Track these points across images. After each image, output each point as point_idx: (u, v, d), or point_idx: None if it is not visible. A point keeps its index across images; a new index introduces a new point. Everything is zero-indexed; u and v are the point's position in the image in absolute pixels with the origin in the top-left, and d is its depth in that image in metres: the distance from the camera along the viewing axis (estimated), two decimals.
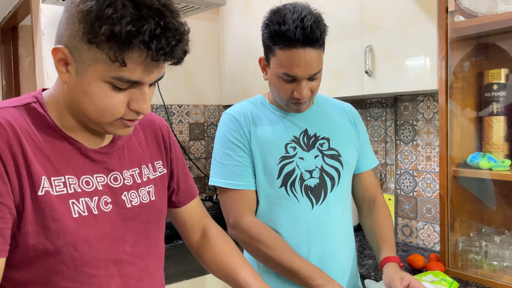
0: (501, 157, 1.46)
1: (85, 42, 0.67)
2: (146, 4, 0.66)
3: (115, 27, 0.64)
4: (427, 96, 1.82)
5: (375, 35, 1.68)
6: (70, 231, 0.73)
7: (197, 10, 2.09)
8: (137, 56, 0.67)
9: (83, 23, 0.66)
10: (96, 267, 0.77)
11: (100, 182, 0.79)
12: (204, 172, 2.60)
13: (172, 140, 0.98)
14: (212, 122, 2.68)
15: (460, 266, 1.49)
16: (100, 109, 0.72)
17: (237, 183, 1.17)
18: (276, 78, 1.12)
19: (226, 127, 1.20)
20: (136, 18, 0.65)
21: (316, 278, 1.06)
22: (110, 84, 0.70)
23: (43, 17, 2.04)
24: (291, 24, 1.04)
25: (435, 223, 1.82)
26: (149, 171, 0.89)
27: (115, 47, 0.65)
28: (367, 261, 1.67)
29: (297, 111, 1.19)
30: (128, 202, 0.83)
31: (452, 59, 1.47)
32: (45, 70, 2.05)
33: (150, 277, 0.87)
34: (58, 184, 0.74)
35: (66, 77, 0.72)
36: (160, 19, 0.66)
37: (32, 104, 0.76)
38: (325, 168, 1.20)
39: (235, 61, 2.45)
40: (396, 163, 1.95)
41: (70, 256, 0.74)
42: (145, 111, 0.74)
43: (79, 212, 0.75)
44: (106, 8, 0.64)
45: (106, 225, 0.78)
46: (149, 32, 0.65)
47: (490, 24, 1.40)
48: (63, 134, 0.77)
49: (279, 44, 1.07)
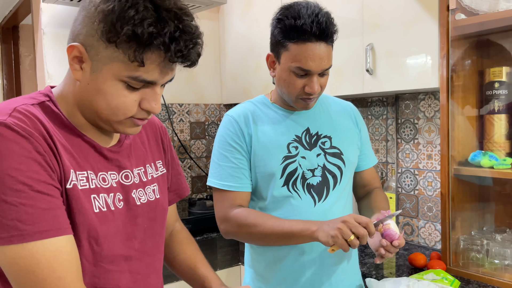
0: (502, 155, 1.45)
1: (103, 41, 0.69)
2: (165, 7, 0.68)
3: (137, 28, 0.66)
4: (428, 94, 1.82)
5: (376, 34, 1.67)
6: (93, 226, 0.75)
7: (198, 9, 2.09)
8: (155, 57, 0.69)
9: (103, 22, 0.68)
10: (111, 263, 0.79)
11: (113, 180, 0.81)
12: (205, 171, 2.61)
13: (168, 141, 1.01)
14: (213, 121, 2.68)
15: (462, 265, 1.49)
16: (113, 107, 0.73)
17: (231, 184, 1.19)
18: (288, 73, 1.13)
19: (225, 128, 1.22)
20: (157, 20, 0.67)
21: (309, 227, 1.08)
22: (125, 83, 0.72)
23: (44, 16, 2.04)
24: (306, 18, 1.06)
25: (436, 222, 1.81)
26: (153, 169, 0.92)
27: (135, 47, 0.67)
28: (368, 259, 1.67)
29: (305, 107, 1.19)
30: (137, 199, 0.85)
31: (453, 57, 1.47)
32: (46, 69, 2.05)
33: (157, 273, 0.89)
34: (82, 179, 0.76)
35: (79, 74, 0.73)
36: (178, 22, 0.69)
37: (46, 103, 0.77)
38: (327, 166, 1.21)
39: (236, 60, 2.45)
40: (397, 162, 1.95)
41: (92, 251, 0.76)
42: (156, 111, 0.76)
43: (100, 207, 0.77)
44: (128, 9, 0.66)
45: (119, 221, 0.80)
46: (169, 34, 0.67)
47: (492, 22, 1.40)
48: (78, 132, 0.78)
49: (294, 38, 1.08)
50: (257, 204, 1.23)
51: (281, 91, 1.19)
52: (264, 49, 2.25)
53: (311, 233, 1.07)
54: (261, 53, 2.25)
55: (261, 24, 2.23)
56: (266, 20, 2.21)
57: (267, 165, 1.18)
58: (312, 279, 1.19)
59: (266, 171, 1.18)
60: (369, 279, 1.24)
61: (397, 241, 1.03)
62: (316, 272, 1.19)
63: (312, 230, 1.07)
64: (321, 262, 1.19)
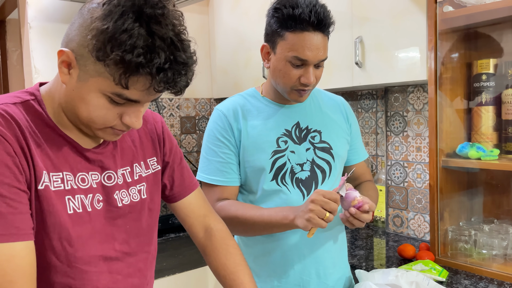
0: (489, 147, 1.47)
1: (93, 56, 0.68)
2: (160, 35, 0.67)
3: (126, 55, 0.65)
4: (417, 87, 1.83)
5: (365, 27, 1.67)
6: (65, 227, 0.75)
7: (187, 2, 2.08)
8: (141, 84, 0.69)
9: (95, 39, 0.67)
10: (88, 263, 0.79)
11: (94, 180, 0.81)
12: (196, 166, 2.60)
13: (167, 134, 0.99)
14: (203, 116, 2.67)
15: (450, 255, 1.51)
16: (93, 117, 0.74)
17: (219, 179, 1.19)
18: (284, 63, 1.12)
19: (214, 123, 1.22)
20: (148, 50, 0.66)
21: (287, 215, 1.09)
22: (108, 97, 0.72)
23: (30, 10, 2.01)
24: (305, 8, 1.07)
25: (425, 213, 1.83)
26: (141, 169, 0.91)
27: (121, 71, 0.67)
28: (358, 251, 1.68)
29: (298, 100, 1.18)
30: (119, 201, 0.84)
31: (442, 50, 1.48)
32: (33, 64, 2.03)
33: (141, 273, 0.88)
34: (56, 180, 0.75)
35: (67, 78, 0.73)
36: (170, 53, 0.68)
37: (30, 102, 0.77)
38: (316, 161, 1.21)
39: (226, 53, 2.44)
40: (387, 154, 1.96)
41: (64, 252, 0.76)
42: (136, 127, 0.76)
43: (74, 208, 0.77)
44: (121, 34, 0.65)
45: (97, 222, 0.80)
46: (157, 65, 0.67)
47: (479, 14, 1.41)
48: (60, 132, 0.78)
49: (291, 27, 1.08)
50: (248, 198, 1.23)
51: (275, 82, 1.18)
52: (254, 42, 2.25)
53: (290, 221, 1.08)
54: (251, 46, 2.24)
55: (251, 17, 2.22)
56: (256, 14, 2.22)
57: (257, 159, 1.18)
58: (301, 272, 1.20)
59: (256, 165, 1.18)
60: (358, 271, 1.25)
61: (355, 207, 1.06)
62: (305, 265, 1.20)
63: (290, 218, 1.08)
64: (310, 254, 1.20)
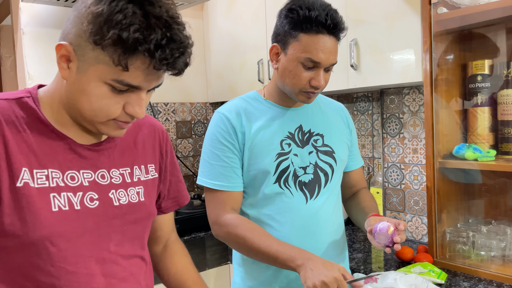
0: (486, 148, 1.47)
1: (90, 42, 0.69)
2: (155, 14, 0.68)
3: (122, 32, 0.66)
4: (413, 88, 1.83)
5: (359, 29, 1.67)
6: (45, 225, 0.74)
7: (181, 7, 2.07)
8: (140, 63, 0.69)
9: (92, 24, 0.68)
10: (75, 264, 0.77)
11: (86, 178, 0.80)
12: (192, 170, 2.58)
13: (169, 148, 1.00)
14: (199, 120, 2.66)
15: (448, 257, 1.50)
16: (95, 109, 0.74)
17: (223, 184, 1.17)
18: (295, 64, 1.12)
19: (216, 126, 1.20)
20: (144, 26, 0.67)
21: (295, 259, 1.05)
22: (109, 85, 0.72)
23: (23, 16, 2.00)
24: (321, 11, 1.07)
25: (423, 215, 1.83)
26: (141, 172, 0.90)
27: (120, 51, 0.68)
28: (356, 254, 1.67)
29: (306, 101, 1.18)
30: (116, 200, 0.83)
31: (436, 51, 1.48)
32: (26, 70, 2.01)
33: (134, 277, 0.87)
34: (40, 177, 0.75)
35: (66, 73, 0.73)
36: (167, 30, 0.69)
37: (25, 99, 0.78)
38: (319, 164, 1.21)
39: (221, 57, 2.44)
40: (383, 157, 1.96)
41: (46, 250, 0.75)
42: (140, 116, 0.76)
43: (60, 206, 0.76)
44: (116, 14, 0.67)
45: (88, 221, 0.79)
46: (154, 42, 0.67)
47: (473, 16, 1.41)
48: (53, 129, 0.78)
49: (307, 28, 1.08)
50: (247, 200, 1.22)
51: (283, 83, 1.17)
52: (249, 46, 2.25)
53: (295, 267, 1.04)
54: (246, 50, 2.24)
55: (246, 21, 2.22)
56: (250, 17, 2.21)
57: (261, 162, 1.17)
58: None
59: (260, 168, 1.17)
60: (357, 274, 1.24)
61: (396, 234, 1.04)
62: None
63: (297, 264, 1.04)
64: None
